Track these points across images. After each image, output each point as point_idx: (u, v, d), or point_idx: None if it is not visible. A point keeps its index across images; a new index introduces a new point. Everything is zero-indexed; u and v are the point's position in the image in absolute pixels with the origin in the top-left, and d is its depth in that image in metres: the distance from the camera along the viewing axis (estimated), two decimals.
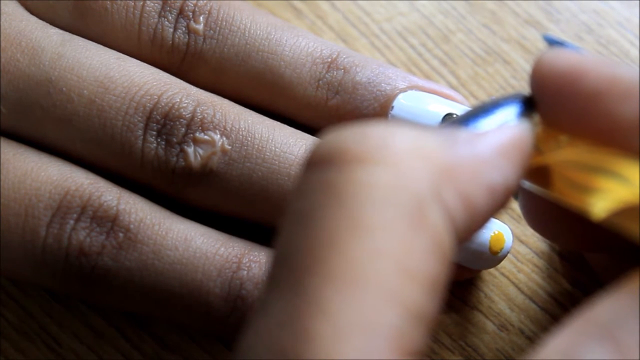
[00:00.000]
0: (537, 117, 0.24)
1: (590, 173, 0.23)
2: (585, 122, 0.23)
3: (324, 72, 0.32)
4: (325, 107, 0.32)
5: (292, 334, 0.20)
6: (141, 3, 0.32)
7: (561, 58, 0.24)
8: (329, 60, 0.33)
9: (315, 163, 0.22)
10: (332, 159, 0.22)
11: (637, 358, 0.20)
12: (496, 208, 0.23)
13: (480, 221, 0.23)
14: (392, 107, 0.32)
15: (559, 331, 0.21)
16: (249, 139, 0.31)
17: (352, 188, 0.21)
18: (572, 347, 0.21)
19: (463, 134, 0.23)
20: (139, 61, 0.31)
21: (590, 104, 0.23)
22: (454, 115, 0.32)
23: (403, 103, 0.32)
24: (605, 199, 0.23)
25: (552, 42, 0.32)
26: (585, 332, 0.21)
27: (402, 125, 0.22)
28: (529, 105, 0.24)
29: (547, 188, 0.25)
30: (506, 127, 0.23)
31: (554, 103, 0.24)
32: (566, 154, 0.24)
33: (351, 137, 0.22)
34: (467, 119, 0.23)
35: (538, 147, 0.24)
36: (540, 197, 0.28)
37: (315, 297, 0.20)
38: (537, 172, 0.25)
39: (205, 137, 0.30)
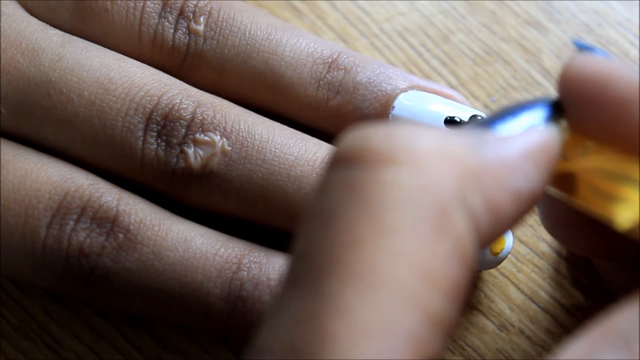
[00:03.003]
0: (564, 122, 0.24)
1: (616, 181, 0.23)
2: (613, 129, 0.23)
3: (325, 72, 0.32)
4: (326, 107, 0.32)
5: (309, 333, 0.20)
6: (141, 4, 0.32)
7: (590, 64, 0.24)
8: (330, 60, 0.33)
9: (339, 161, 0.22)
10: (357, 158, 0.21)
11: None
12: (521, 214, 0.22)
13: (504, 227, 0.22)
14: (393, 107, 0.32)
15: (576, 339, 0.21)
16: (249, 140, 0.31)
17: (376, 188, 0.21)
18: (588, 356, 0.21)
19: (490, 137, 0.22)
20: (139, 62, 0.31)
21: (618, 111, 0.23)
22: (457, 119, 0.31)
23: (404, 103, 0.32)
24: (630, 209, 0.22)
25: (581, 47, 0.32)
26: (602, 341, 0.21)
27: (427, 126, 0.22)
28: (556, 110, 0.24)
29: (571, 195, 0.25)
30: (534, 131, 0.23)
31: (582, 108, 0.24)
32: (592, 161, 0.24)
33: (377, 136, 0.22)
34: (493, 121, 0.23)
35: (564, 153, 0.24)
36: (559, 202, 0.28)
37: (334, 297, 0.20)
38: (562, 178, 0.24)
39: (206, 138, 0.30)
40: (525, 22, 0.37)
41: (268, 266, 0.30)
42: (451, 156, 0.21)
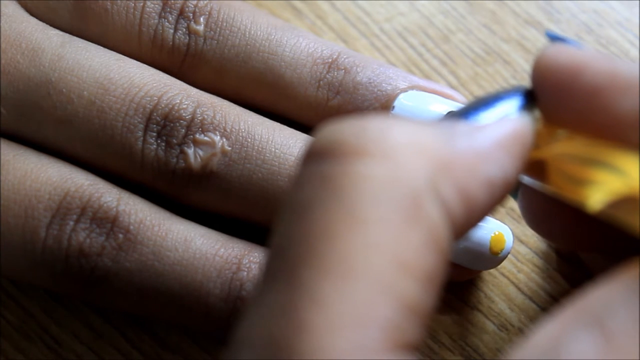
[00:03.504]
0: (537, 112, 0.24)
1: (586, 166, 0.23)
2: (585, 116, 0.23)
3: (325, 72, 0.32)
4: (326, 107, 0.32)
5: (286, 324, 0.20)
6: (141, 4, 0.32)
7: (562, 53, 0.24)
8: (330, 60, 0.33)
9: (312, 155, 0.22)
10: (330, 151, 0.22)
11: (625, 346, 0.20)
12: (495, 202, 0.23)
13: (478, 215, 0.23)
14: (393, 107, 0.32)
15: (550, 319, 0.21)
16: (249, 140, 0.31)
17: (348, 181, 0.21)
18: (561, 336, 0.21)
19: (462, 127, 0.23)
20: (139, 62, 0.31)
21: (590, 99, 0.23)
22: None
23: (404, 103, 0.32)
24: (601, 191, 0.23)
25: (553, 38, 0.32)
26: (574, 321, 0.21)
27: (400, 118, 0.22)
28: (529, 99, 0.24)
29: (544, 182, 0.25)
30: (506, 121, 0.23)
31: (554, 98, 0.24)
32: (562, 147, 0.24)
33: (349, 130, 0.22)
34: (467, 112, 0.23)
35: (536, 141, 0.24)
36: (539, 196, 0.28)
37: (309, 288, 0.20)
38: (535, 166, 0.25)
39: (206, 138, 0.30)
40: (525, 22, 0.37)
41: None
42: (422, 147, 0.22)
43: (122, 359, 0.32)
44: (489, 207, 0.23)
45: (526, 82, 0.36)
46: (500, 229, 0.31)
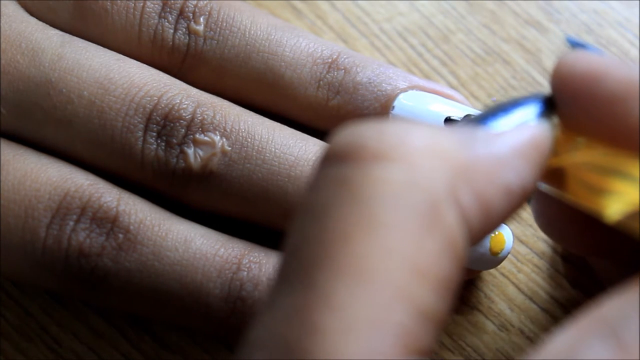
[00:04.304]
0: (556, 119, 0.24)
1: (605, 175, 0.23)
2: (604, 124, 0.23)
3: (325, 72, 0.32)
4: (326, 107, 0.32)
5: (299, 327, 0.20)
6: (141, 4, 0.32)
7: (582, 60, 0.24)
8: (330, 60, 0.33)
9: (331, 158, 0.22)
10: (349, 154, 0.22)
11: (639, 357, 0.20)
12: (512, 209, 0.23)
13: (495, 222, 0.22)
14: (393, 107, 0.32)
15: (563, 329, 0.21)
16: (249, 140, 0.31)
17: (366, 185, 0.21)
18: (575, 345, 0.21)
19: (481, 133, 0.23)
20: (139, 62, 0.31)
21: (609, 107, 0.23)
22: (457, 119, 0.31)
23: (404, 103, 0.32)
24: (619, 201, 0.23)
25: (574, 44, 0.32)
26: (588, 330, 0.21)
27: (419, 123, 0.22)
28: (548, 106, 0.24)
29: (561, 190, 0.25)
30: (525, 127, 0.23)
31: (574, 105, 0.24)
32: (582, 156, 0.24)
33: (368, 133, 0.22)
34: (485, 118, 0.23)
35: (555, 148, 0.24)
36: (553, 200, 0.28)
37: (324, 291, 0.20)
38: (553, 174, 0.25)
39: (205, 138, 0.30)
40: (525, 22, 0.37)
41: (268, 266, 0.30)
42: (441, 152, 0.22)
43: (122, 359, 0.32)
44: (506, 214, 0.23)
45: (526, 82, 0.36)
46: (500, 229, 0.31)
